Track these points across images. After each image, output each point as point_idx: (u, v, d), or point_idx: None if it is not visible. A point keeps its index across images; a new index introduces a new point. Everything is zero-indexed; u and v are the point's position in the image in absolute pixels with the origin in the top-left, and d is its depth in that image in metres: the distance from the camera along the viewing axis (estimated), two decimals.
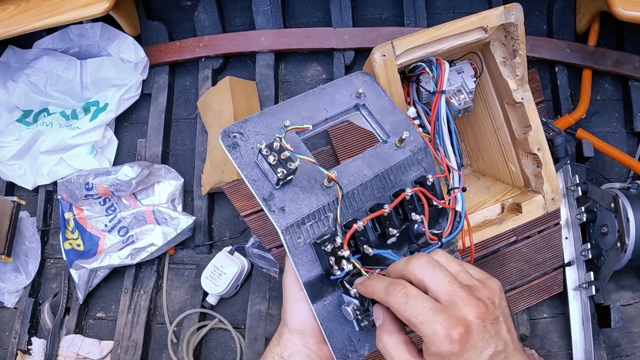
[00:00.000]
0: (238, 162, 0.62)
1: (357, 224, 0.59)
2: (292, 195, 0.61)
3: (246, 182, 0.61)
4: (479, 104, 1.03)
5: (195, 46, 1.67)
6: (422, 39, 0.82)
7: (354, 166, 0.65)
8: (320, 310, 0.61)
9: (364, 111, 0.73)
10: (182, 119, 1.72)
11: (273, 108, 0.68)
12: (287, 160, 0.59)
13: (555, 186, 0.95)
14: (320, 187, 0.62)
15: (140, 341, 1.50)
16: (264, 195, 0.60)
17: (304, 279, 0.60)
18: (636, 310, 1.43)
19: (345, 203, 0.62)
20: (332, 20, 1.65)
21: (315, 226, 0.61)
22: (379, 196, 0.65)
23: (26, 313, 1.61)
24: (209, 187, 1.53)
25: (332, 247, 0.58)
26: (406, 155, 0.68)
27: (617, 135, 1.58)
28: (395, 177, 0.66)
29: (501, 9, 0.86)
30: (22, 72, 1.72)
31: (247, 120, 0.66)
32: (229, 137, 0.64)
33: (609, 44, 1.61)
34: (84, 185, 1.55)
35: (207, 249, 1.58)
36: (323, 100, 0.71)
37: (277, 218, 0.59)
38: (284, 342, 0.64)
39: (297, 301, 0.63)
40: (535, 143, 0.94)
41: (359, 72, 0.78)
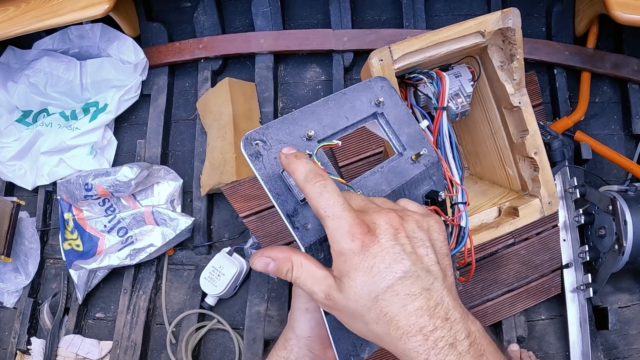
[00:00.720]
0: (261, 173, 0.58)
1: None
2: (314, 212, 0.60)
3: (269, 195, 0.58)
4: (476, 108, 1.03)
5: (194, 47, 1.68)
6: (420, 43, 0.83)
7: (372, 180, 0.64)
8: (332, 321, 0.61)
9: (381, 120, 0.71)
10: (181, 120, 1.72)
11: (295, 114, 0.66)
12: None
13: (552, 190, 0.95)
14: None
15: (139, 341, 1.51)
16: (288, 211, 0.57)
17: None
18: (633, 312, 1.44)
19: None
20: (332, 22, 1.65)
21: None
22: None
23: (25, 313, 1.61)
24: (208, 188, 1.54)
25: None
26: (420, 170, 0.67)
27: (615, 137, 1.58)
28: (409, 191, 0.66)
29: (499, 14, 0.86)
30: (22, 73, 1.72)
31: (269, 126, 0.62)
32: (251, 145, 0.60)
33: (608, 46, 1.62)
34: (83, 185, 1.55)
35: (206, 250, 1.59)
36: (344, 107, 0.69)
37: (301, 235, 0.56)
38: (290, 347, 0.64)
39: (308, 311, 0.62)
40: (532, 147, 0.94)
41: (377, 78, 0.74)
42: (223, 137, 1.52)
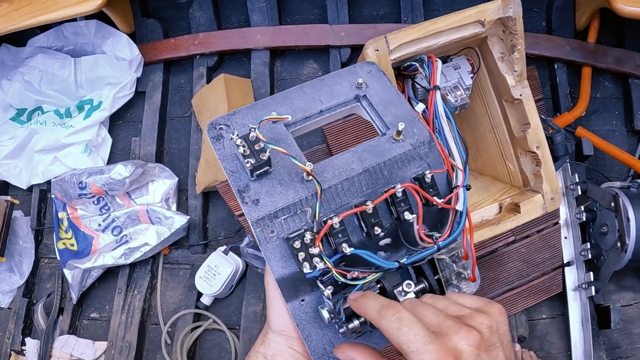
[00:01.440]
0: (220, 153, 0.60)
1: (332, 220, 0.56)
2: (268, 188, 0.58)
3: (225, 173, 0.59)
4: (476, 101, 1.01)
5: (190, 44, 1.65)
6: (417, 33, 0.80)
7: (342, 159, 0.62)
8: (297, 310, 0.59)
9: (364, 102, 0.70)
10: (176, 117, 1.70)
11: (266, 99, 0.66)
12: (259, 151, 0.57)
13: (554, 186, 0.93)
14: (300, 181, 0.59)
15: (134, 342, 1.48)
16: (239, 186, 0.58)
17: (277, 275, 0.58)
18: (637, 311, 1.41)
19: (327, 198, 0.59)
20: (329, 17, 1.63)
21: (290, 220, 0.58)
22: (369, 193, 0.61)
23: (20, 313, 1.59)
24: (203, 186, 1.51)
25: (301, 242, 0.56)
26: (405, 149, 0.63)
27: (617, 133, 1.56)
28: (390, 172, 0.62)
29: (499, 2, 0.84)
30: (16, 71, 1.70)
31: (236, 112, 0.63)
32: (214, 129, 0.62)
33: (610, 41, 1.59)
34: (77, 184, 1.53)
35: (202, 249, 1.57)
36: (320, 91, 0.68)
37: (249, 210, 0.57)
38: (267, 342, 0.62)
39: (275, 299, 0.60)
40: (534, 141, 0.92)
41: (364, 63, 0.73)
42: None
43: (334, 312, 0.56)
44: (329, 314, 0.57)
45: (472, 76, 0.95)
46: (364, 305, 0.53)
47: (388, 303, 0.51)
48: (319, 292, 0.59)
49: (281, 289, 0.58)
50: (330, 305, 0.57)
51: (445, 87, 0.93)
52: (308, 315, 0.59)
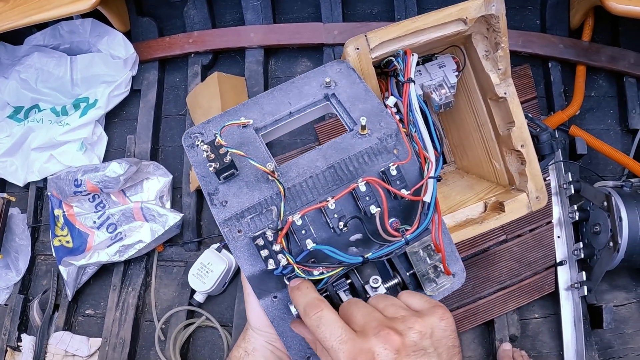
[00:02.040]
0: (193, 160, 0.64)
1: (293, 217, 0.57)
2: (236, 190, 0.61)
3: (197, 178, 0.63)
4: (462, 100, 1.01)
5: (184, 42, 1.66)
6: (398, 31, 0.80)
7: (307, 158, 0.64)
8: (270, 306, 0.60)
9: (333, 100, 0.71)
10: (171, 116, 1.71)
11: (237, 107, 0.69)
12: (224, 155, 0.60)
13: (539, 184, 0.92)
14: (265, 182, 0.62)
15: (128, 338, 1.49)
16: (209, 190, 0.62)
17: (247, 272, 0.60)
18: (629, 311, 1.40)
19: (292, 197, 0.61)
20: (322, 15, 1.63)
21: (257, 219, 0.60)
22: (335, 189, 0.62)
23: (16, 310, 1.60)
24: (197, 184, 1.52)
25: (263, 240, 0.57)
26: (372, 143, 0.65)
27: (611, 132, 1.55)
28: (356, 168, 0.63)
29: (480, 0, 0.83)
30: (12, 69, 1.71)
31: (209, 120, 0.67)
32: (189, 138, 0.66)
33: (604, 39, 1.58)
34: (72, 181, 1.54)
35: (196, 246, 1.57)
36: (289, 94, 0.70)
37: (217, 211, 0.60)
38: (248, 337, 0.64)
39: (250, 296, 0.62)
40: (519, 139, 0.92)
41: (334, 61, 0.75)
42: None
43: None
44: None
45: (457, 74, 0.95)
46: (296, 299, 0.54)
47: (313, 301, 0.52)
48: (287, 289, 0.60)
49: (252, 287, 0.60)
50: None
51: (429, 85, 0.93)
52: (281, 312, 0.60)
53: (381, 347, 0.45)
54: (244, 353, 0.63)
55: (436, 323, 0.48)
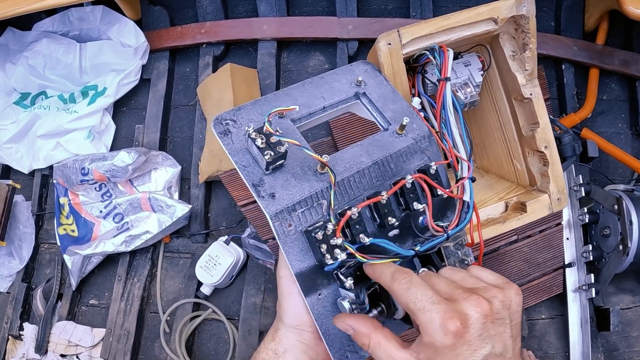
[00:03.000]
0: (229, 148, 0.61)
1: (351, 211, 0.56)
2: (283, 182, 0.59)
3: (236, 167, 0.59)
4: (485, 99, 1.01)
5: (196, 32, 1.64)
6: (429, 28, 0.80)
7: (350, 153, 0.63)
8: (315, 304, 0.59)
9: (364, 99, 0.71)
10: (181, 106, 1.69)
11: (269, 96, 0.67)
12: (276, 144, 0.57)
13: (561, 186, 0.92)
14: (313, 174, 0.60)
15: (133, 330, 1.48)
16: (253, 181, 0.58)
17: (295, 269, 0.58)
18: (636, 314, 1.41)
19: (340, 191, 0.60)
20: (337, 9, 1.62)
21: (307, 213, 0.59)
22: (378, 185, 0.63)
23: (19, 298, 1.59)
24: (206, 175, 1.51)
25: (323, 234, 0.56)
26: (408, 143, 0.65)
27: (622, 136, 1.56)
28: (396, 165, 0.64)
29: (512, 0, 0.83)
30: (21, 55, 1.69)
31: (240, 108, 0.64)
32: (221, 124, 0.62)
33: (617, 43, 1.59)
34: (80, 170, 1.53)
35: (203, 238, 1.56)
36: (321, 88, 0.70)
37: (266, 204, 0.57)
38: (278, 338, 0.62)
39: (291, 294, 0.60)
40: (543, 141, 0.91)
41: (360, 62, 0.76)
42: None
43: (357, 303, 0.57)
44: (350, 305, 0.57)
45: (482, 73, 0.94)
46: (380, 271, 0.55)
47: (400, 268, 0.53)
48: (334, 285, 0.60)
49: (299, 284, 0.59)
50: (350, 296, 0.57)
51: (455, 83, 0.93)
52: (325, 309, 0.59)
53: (473, 310, 0.47)
54: (274, 355, 0.62)
55: (513, 297, 0.50)
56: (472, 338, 0.46)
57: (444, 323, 0.46)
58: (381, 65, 0.79)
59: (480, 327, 0.46)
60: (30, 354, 1.53)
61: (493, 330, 0.47)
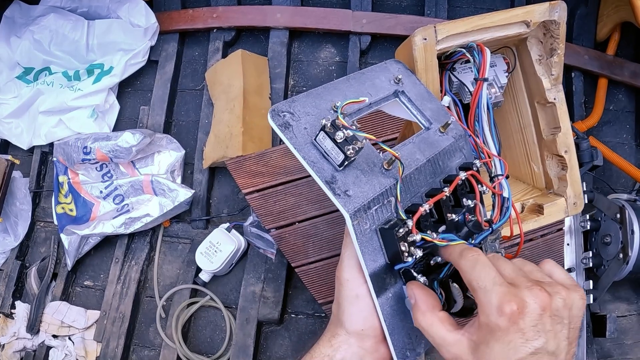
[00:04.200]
0: (293, 142, 0.57)
1: (423, 207, 0.56)
2: (353, 179, 0.56)
3: (304, 164, 0.56)
4: (507, 101, 1.01)
5: (208, 16, 1.63)
6: (465, 26, 0.80)
7: (406, 150, 0.63)
8: (384, 305, 0.57)
9: (403, 98, 0.71)
10: (188, 90, 1.68)
11: (319, 89, 0.65)
12: (352, 139, 0.55)
13: (578, 190, 0.93)
14: (379, 170, 0.59)
15: (128, 313, 1.47)
16: (326, 177, 0.55)
17: (370, 269, 0.56)
18: (630, 322, 1.43)
19: (403, 188, 0.59)
20: (352, 2, 1.62)
21: (379, 211, 0.57)
22: (431, 181, 0.63)
23: (12, 276, 1.57)
24: (210, 161, 1.49)
25: (404, 231, 0.55)
26: (450, 141, 0.66)
27: (626, 146, 1.57)
28: (443, 162, 0.65)
29: (546, 5, 0.83)
30: (26, 29, 1.66)
31: (294, 100, 0.61)
32: (279, 116, 0.59)
33: (628, 55, 1.60)
34: (81, 148, 1.51)
35: (204, 225, 1.55)
36: (365, 84, 0.69)
37: (343, 202, 0.54)
38: (337, 344, 0.60)
39: (359, 298, 0.58)
40: (563, 145, 0.92)
41: (392, 60, 0.76)
42: (231, 110, 1.48)
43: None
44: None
45: (507, 75, 0.94)
46: (451, 248, 0.55)
47: (470, 247, 0.54)
48: (398, 284, 0.59)
49: (372, 285, 0.57)
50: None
51: None
52: (392, 309, 0.58)
53: (532, 300, 0.47)
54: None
55: (577, 300, 0.50)
56: (526, 326, 0.46)
57: (501, 304, 0.47)
58: (415, 60, 0.78)
59: (537, 317, 0.47)
60: (21, 333, 1.51)
61: (550, 325, 0.47)
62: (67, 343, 1.50)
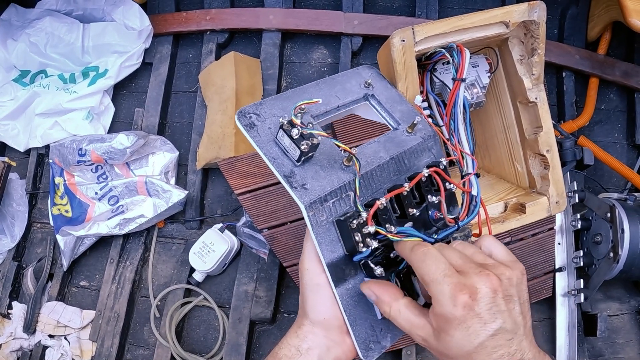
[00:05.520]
0: (256, 140, 0.61)
1: (379, 201, 0.58)
2: (312, 173, 0.60)
3: (266, 160, 0.60)
4: (490, 101, 1.02)
5: (201, 18, 1.64)
6: (444, 27, 0.81)
7: (370, 148, 0.66)
8: (344, 295, 0.59)
9: (373, 101, 0.74)
10: (181, 92, 1.69)
11: (287, 93, 0.69)
12: (309, 136, 0.58)
13: (560, 190, 0.94)
14: (339, 166, 0.62)
15: (123, 313, 1.48)
16: (285, 172, 0.59)
17: (327, 259, 0.59)
18: (622, 321, 1.43)
19: (364, 183, 0.62)
20: (343, 4, 1.63)
21: (337, 204, 0.60)
22: (395, 179, 0.65)
23: (8, 276, 1.58)
24: (204, 162, 1.51)
25: (357, 223, 0.57)
26: (418, 141, 0.68)
27: (617, 146, 1.58)
28: (409, 161, 0.67)
29: (525, 6, 0.84)
30: (23, 31, 1.68)
31: (262, 102, 0.65)
32: (245, 117, 0.63)
33: (619, 54, 1.61)
34: (77, 150, 1.52)
35: (197, 225, 1.56)
36: (335, 88, 0.72)
37: (299, 194, 0.57)
38: (303, 334, 0.61)
39: (319, 286, 0.60)
40: (545, 144, 0.93)
41: (365, 66, 0.79)
42: (224, 111, 1.49)
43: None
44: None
45: (489, 75, 0.95)
46: (402, 245, 0.57)
47: (422, 242, 0.56)
48: (361, 275, 0.61)
49: (330, 274, 0.59)
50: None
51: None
52: (353, 300, 0.60)
53: (482, 285, 0.49)
54: (296, 352, 0.60)
55: (519, 276, 0.53)
56: (481, 311, 0.48)
57: (454, 295, 0.49)
58: (393, 61, 0.79)
59: (490, 301, 0.49)
60: (18, 333, 1.52)
61: (503, 305, 0.49)
62: (63, 343, 1.51)
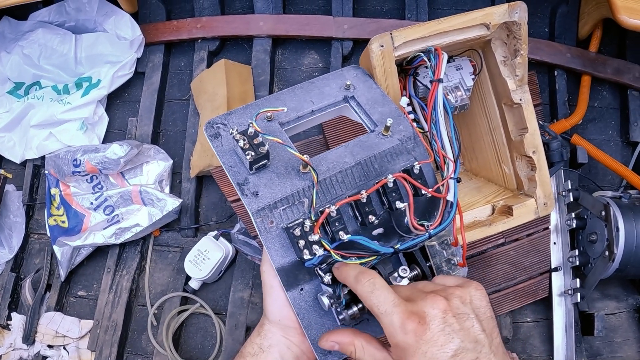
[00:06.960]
0: (218, 150, 0.64)
1: (329, 208, 0.59)
2: (266, 181, 0.62)
3: (224, 168, 0.63)
4: (476, 103, 1.02)
5: (192, 27, 1.65)
6: (422, 31, 0.81)
7: (335, 154, 0.66)
8: (296, 298, 0.61)
9: (352, 103, 0.74)
10: (174, 100, 1.70)
11: (259, 101, 0.71)
12: (259, 145, 0.60)
13: (548, 191, 0.94)
14: (296, 173, 0.63)
15: (120, 322, 1.48)
16: (239, 180, 0.61)
17: (277, 264, 0.60)
18: (619, 320, 1.43)
19: (323, 190, 0.63)
20: (333, 9, 1.63)
21: (289, 211, 0.61)
22: (362, 185, 0.65)
23: (7, 288, 1.58)
24: (197, 170, 1.51)
25: (301, 230, 0.58)
26: (393, 143, 0.68)
27: (612, 143, 1.57)
28: (380, 165, 0.66)
29: (505, 7, 0.84)
30: (16, 44, 1.69)
31: (232, 112, 0.68)
32: (212, 128, 0.66)
33: (611, 51, 1.60)
34: (71, 161, 1.53)
35: (193, 233, 1.57)
36: (311, 93, 0.73)
37: (249, 201, 0.60)
38: (264, 333, 0.63)
39: (273, 288, 0.62)
40: (531, 146, 0.93)
41: (350, 67, 0.79)
42: None
43: (334, 298, 0.59)
44: (329, 300, 0.59)
45: (473, 77, 0.95)
46: (345, 272, 0.57)
47: (365, 270, 0.55)
48: (316, 280, 0.61)
49: (281, 278, 0.60)
50: (330, 291, 0.59)
51: (446, 86, 0.94)
52: (307, 304, 0.61)
53: (430, 308, 0.49)
54: (259, 350, 0.63)
55: (473, 292, 0.52)
56: (434, 334, 0.48)
57: (403, 323, 0.48)
58: (373, 67, 0.79)
59: (441, 322, 0.48)
60: (17, 344, 1.53)
61: (456, 325, 0.48)
62: (62, 352, 1.52)
